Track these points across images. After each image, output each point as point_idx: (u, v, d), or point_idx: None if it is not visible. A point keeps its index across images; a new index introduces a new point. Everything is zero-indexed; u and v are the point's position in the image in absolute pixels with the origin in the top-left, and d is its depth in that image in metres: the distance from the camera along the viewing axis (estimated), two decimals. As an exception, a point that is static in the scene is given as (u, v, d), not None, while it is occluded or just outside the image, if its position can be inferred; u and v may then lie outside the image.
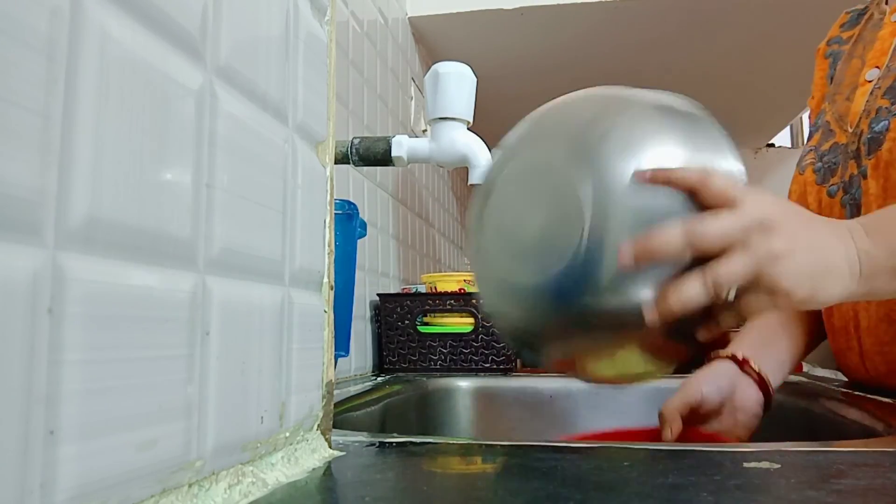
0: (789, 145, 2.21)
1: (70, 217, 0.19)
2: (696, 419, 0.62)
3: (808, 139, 0.78)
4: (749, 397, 0.63)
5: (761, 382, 0.64)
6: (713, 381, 0.63)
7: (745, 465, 0.32)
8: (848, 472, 0.31)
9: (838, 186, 0.67)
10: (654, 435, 0.58)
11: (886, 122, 0.62)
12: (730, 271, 0.40)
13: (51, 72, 0.18)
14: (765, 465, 0.32)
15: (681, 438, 0.58)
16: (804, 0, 1.17)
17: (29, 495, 0.17)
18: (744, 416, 0.63)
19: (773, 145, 2.10)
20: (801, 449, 0.36)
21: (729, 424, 0.63)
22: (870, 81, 0.68)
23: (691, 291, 0.39)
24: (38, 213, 0.18)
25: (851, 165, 0.66)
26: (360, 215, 0.90)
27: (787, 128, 2.10)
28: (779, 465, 0.32)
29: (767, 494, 0.28)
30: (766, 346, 0.69)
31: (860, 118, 0.66)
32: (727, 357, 0.66)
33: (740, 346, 0.68)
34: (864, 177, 0.64)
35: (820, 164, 0.71)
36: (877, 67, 0.68)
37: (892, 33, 0.68)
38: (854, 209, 0.64)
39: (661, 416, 0.61)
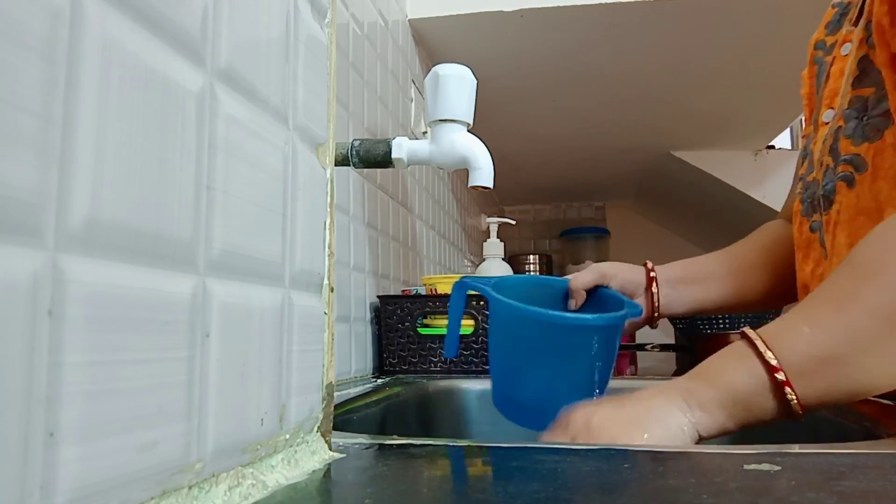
0: (789, 147, 2.21)
1: (70, 219, 0.19)
2: None
3: (798, 164, 0.74)
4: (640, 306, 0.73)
5: (650, 301, 0.73)
6: (625, 276, 0.72)
7: (746, 467, 0.32)
8: (849, 474, 0.31)
9: (819, 223, 0.64)
10: None
11: (833, 183, 0.60)
12: None
13: (51, 74, 0.18)
14: (765, 467, 0.32)
15: None
16: (804, 3, 1.17)
17: (29, 497, 0.17)
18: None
19: (773, 147, 2.10)
20: (801, 451, 0.36)
21: None
22: (826, 123, 0.64)
23: None
24: (39, 215, 0.18)
25: (818, 209, 0.64)
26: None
27: (787, 130, 2.09)
28: (779, 468, 0.32)
29: (768, 496, 0.28)
30: (692, 281, 0.75)
31: (817, 166, 0.64)
32: (646, 265, 0.75)
33: (670, 266, 0.75)
34: (821, 227, 0.62)
35: (805, 194, 0.67)
36: (831, 108, 0.64)
37: (841, 72, 0.63)
38: (825, 252, 0.63)
39: (570, 289, 0.70)
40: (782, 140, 2.14)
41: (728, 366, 0.48)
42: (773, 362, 0.46)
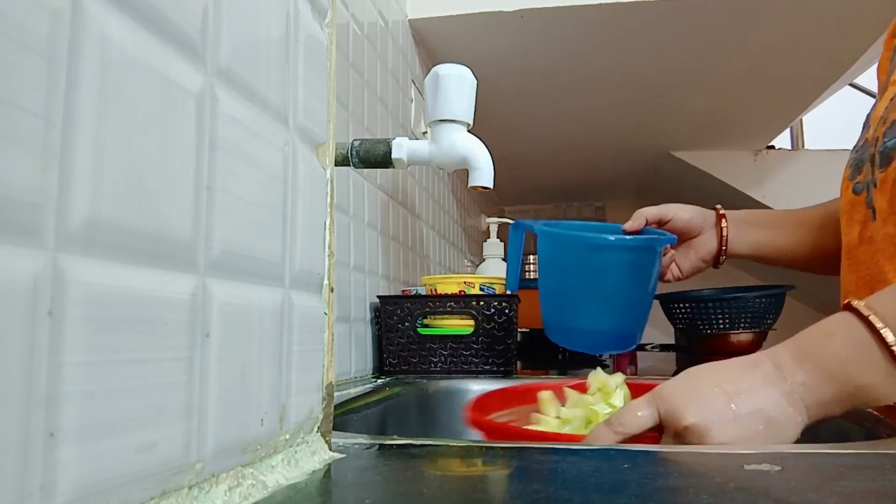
0: (789, 147, 2.21)
1: (70, 219, 0.19)
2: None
3: None
4: (706, 244, 0.77)
5: (721, 240, 0.77)
6: (691, 212, 0.77)
7: (746, 467, 0.32)
8: (849, 474, 0.31)
9: (863, 185, 0.64)
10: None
11: (895, 140, 0.59)
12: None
13: (51, 74, 0.18)
14: (765, 467, 0.32)
15: None
16: (804, 4, 1.17)
17: (29, 497, 0.17)
18: (693, 254, 0.78)
19: (773, 147, 2.10)
20: (801, 451, 0.36)
21: (680, 255, 0.78)
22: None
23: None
24: (39, 215, 0.18)
25: (867, 169, 0.63)
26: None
27: (788, 130, 2.09)
28: (779, 468, 0.32)
29: (768, 497, 0.28)
30: (757, 225, 0.80)
31: (878, 124, 0.63)
32: (716, 208, 0.79)
33: (738, 211, 0.80)
34: (875, 186, 0.61)
35: (854, 157, 0.67)
36: None
37: None
38: (873, 214, 0.62)
39: (634, 213, 0.75)
40: (782, 140, 2.14)
41: (851, 359, 0.44)
42: None
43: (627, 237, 0.71)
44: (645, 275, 0.67)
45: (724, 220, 0.78)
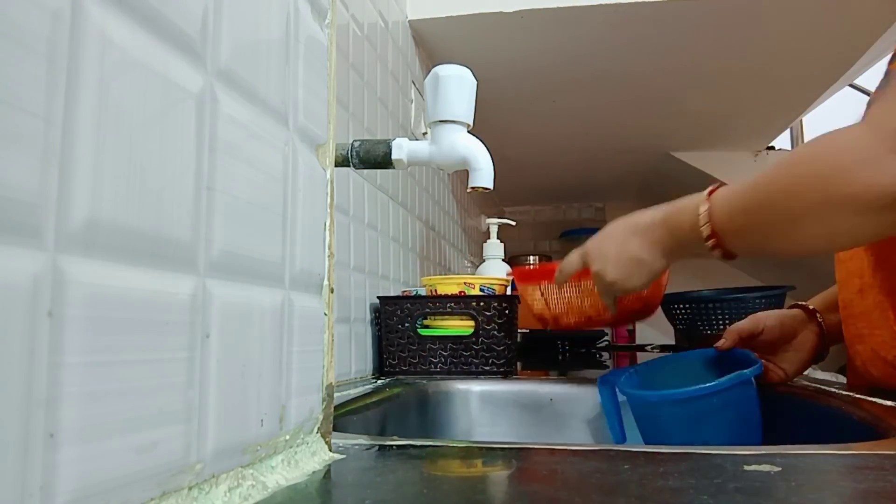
0: (790, 148, 2.21)
1: (70, 220, 0.19)
2: (755, 345, 0.76)
3: None
4: (807, 341, 0.76)
5: (821, 333, 0.76)
6: (779, 318, 0.77)
7: (746, 467, 0.32)
8: (849, 475, 0.31)
9: None
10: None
11: None
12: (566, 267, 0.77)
13: (52, 75, 0.18)
14: (765, 467, 0.32)
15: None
16: (804, 4, 1.17)
17: (29, 498, 0.17)
18: (796, 355, 0.76)
19: (773, 148, 2.10)
20: (802, 452, 0.36)
21: (781, 359, 0.77)
22: None
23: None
24: (39, 215, 0.18)
25: None
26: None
27: (788, 131, 2.09)
28: (779, 468, 0.32)
29: (768, 497, 0.28)
30: (833, 309, 0.79)
31: None
32: (798, 305, 0.79)
33: (812, 301, 0.80)
34: None
35: None
36: None
37: None
38: None
39: (725, 332, 0.77)
40: (782, 141, 2.14)
41: (685, 231, 0.65)
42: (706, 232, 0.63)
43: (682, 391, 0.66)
44: (735, 409, 0.65)
45: (818, 315, 0.77)
